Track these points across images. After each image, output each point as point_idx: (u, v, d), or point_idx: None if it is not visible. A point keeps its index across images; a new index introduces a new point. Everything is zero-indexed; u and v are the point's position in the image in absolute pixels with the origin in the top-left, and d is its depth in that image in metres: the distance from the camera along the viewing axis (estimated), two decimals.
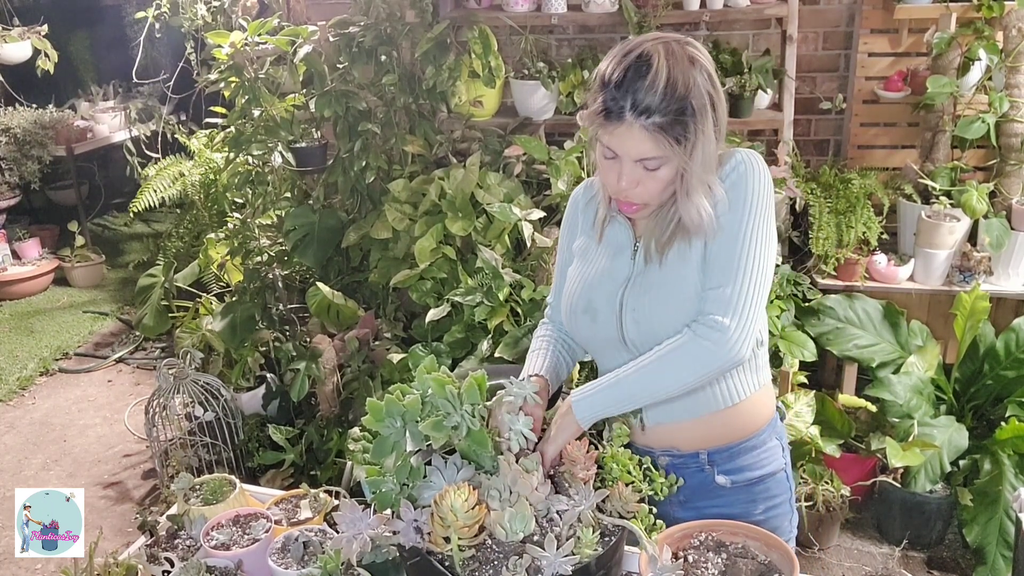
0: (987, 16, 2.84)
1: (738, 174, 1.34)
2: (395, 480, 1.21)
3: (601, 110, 1.28)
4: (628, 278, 1.42)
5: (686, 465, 1.47)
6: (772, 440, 1.49)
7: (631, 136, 1.27)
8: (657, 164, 1.29)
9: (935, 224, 2.88)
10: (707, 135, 1.28)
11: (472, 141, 3.32)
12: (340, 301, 3.21)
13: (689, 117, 1.25)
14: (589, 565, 1.11)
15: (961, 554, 2.72)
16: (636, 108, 1.25)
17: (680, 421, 1.44)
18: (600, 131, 1.31)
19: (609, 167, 1.34)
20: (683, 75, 1.25)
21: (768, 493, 1.48)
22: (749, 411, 1.45)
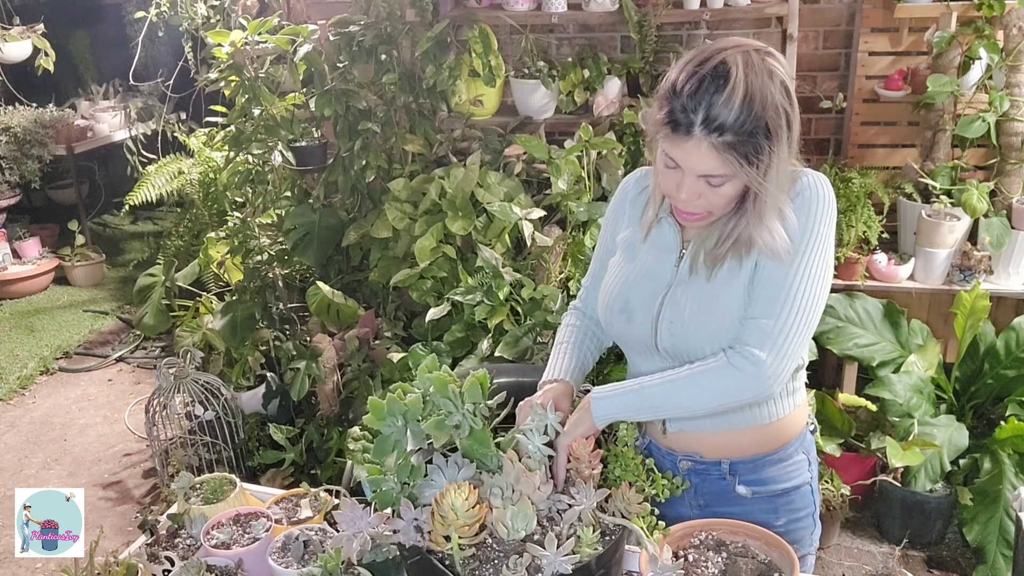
0: (988, 15, 2.84)
1: (803, 199, 1.28)
2: (396, 479, 1.21)
3: (668, 120, 1.20)
4: (669, 284, 1.37)
5: (707, 472, 1.44)
6: (799, 454, 1.46)
7: (698, 152, 1.19)
8: (721, 181, 1.22)
9: (935, 223, 2.87)
10: (781, 155, 1.20)
11: (472, 140, 3.32)
12: (340, 300, 3.21)
13: (763, 137, 1.17)
14: (589, 564, 1.11)
15: (961, 553, 2.72)
16: (708, 124, 1.16)
17: (704, 432, 1.42)
18: (664, 141, 1.23)
19: (669, 175, 1.26)
20: (761, 91, 1.16)
21: (791, 506, 1.46)
22: (778, 428, 1.43)
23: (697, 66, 1.19)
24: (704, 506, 1.45)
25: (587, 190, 2.96)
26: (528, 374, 2.45)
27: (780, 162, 1.21)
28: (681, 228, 1.39)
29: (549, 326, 2.72)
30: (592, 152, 2.98)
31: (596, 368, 2.81)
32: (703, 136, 1.17)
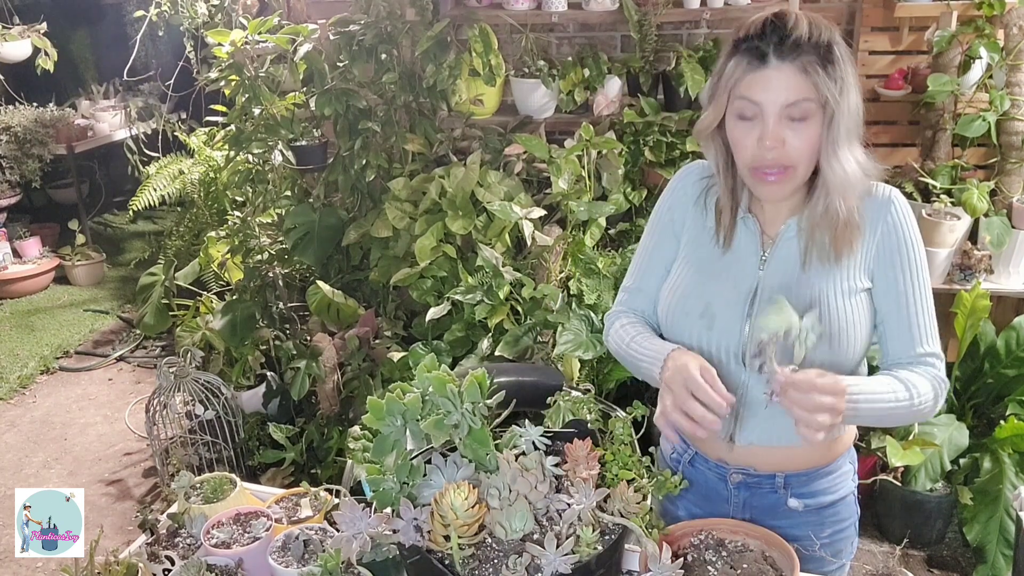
0: (988, 14, 2.84)
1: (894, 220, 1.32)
2: (395, 479, 1.21)
3: (741, 61, 1.23)
4: (753, 289, 1.34)
5: (759, 485, 1.43)
6: (846, 465, 1.47)
7: (778, 78, 1.21)
8: (803, 112, 1.22)
9: (935, 222, 2.87)
10: (852, 85, 1.23)
11: (472, 139, 3.32)
12: (340, 299, 3.21)
13: (836, 59, 1.21)
14: (589, 564, 1.11)
15: (961, 553, 2.72)
16: (781, 49, 1.20)
17: (770, 446, 1.40)
18: (741, 84, 1.23)
19: (747, 132, 1.25)
20: (824, 26, 1.22)
21: (837, 517, 1.45)
22: (838, 441, 1.43)
23: (756, 18, 1.24)
24: (752, 520, 1.39)
25: (587, 189, 2.96)
26: (528, 374, 2.45)
27: (853, 93, 1.23)
28: (762, 229, 1.37)
29: (549, 325, 2.71)
30: (592, 151, 2.98)
31: (596, 367, 2.83)
32: (780, 61, 1.20)
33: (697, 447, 1.49)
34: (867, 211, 1.32)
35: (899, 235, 1.31)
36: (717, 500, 1.49)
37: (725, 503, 1.48)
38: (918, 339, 1.32)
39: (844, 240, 1.30)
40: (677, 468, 1.54)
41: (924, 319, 1.32)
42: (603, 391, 2.78)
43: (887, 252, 1.32)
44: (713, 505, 1.49)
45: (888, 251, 1.32)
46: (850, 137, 1.25)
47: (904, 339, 1.33)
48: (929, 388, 1.31)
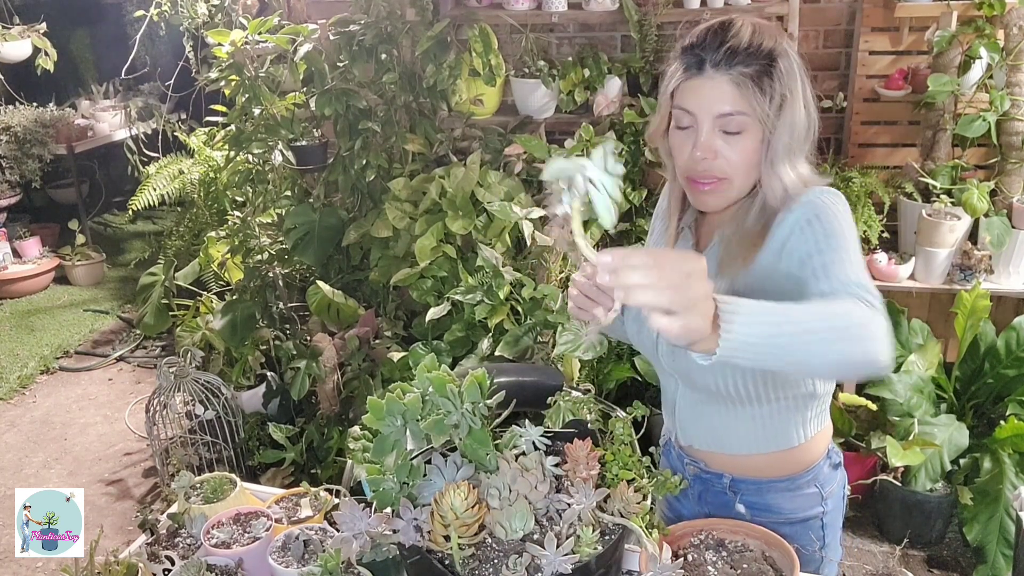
0: (988, 14, 2.84)
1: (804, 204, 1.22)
2: (395, 479, 1.21)
3: (681, 67, 1.21)
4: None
5: (711, 482, 1.44)
6: (810, 488, 1.41)
7: (713, 88, 1.19)
8: (737, 126, 1.20)
9: (936, 222, 2.87)
10: (796, 101, 1.19)
11: (472, 139, 3.32)
12: (340, 300, 3.21)
13: (776, 73, 1.18)
14: (589, 564, 1.11)
15: (961, 553, 2.72)
16: (717, 58, 1.18)
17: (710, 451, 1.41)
18: (677, 92, 1.23)
19: (684, 140, 1.24)
20: (769, 33, 1.19)
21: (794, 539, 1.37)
22: (787, 457, 1.39)
23: (702, 25, 1.23)
24: (708, 515, 1.44)
25: None
26: (528, 374, 2.44)
27: (795, 108, 1.20)
28: (696, 240, 1.38)
29: (549, 325, 2.72)
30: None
31: (596, 367, 2.83)
32: (715, 70, 1.18)
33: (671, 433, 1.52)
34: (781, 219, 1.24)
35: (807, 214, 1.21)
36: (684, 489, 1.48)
37: (686, 492, 1.49)
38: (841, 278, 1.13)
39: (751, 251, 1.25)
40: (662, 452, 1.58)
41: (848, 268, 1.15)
42: (603, 391, 2.78)
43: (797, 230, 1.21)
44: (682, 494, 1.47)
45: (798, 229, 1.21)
46: (791, 154, 1.22)
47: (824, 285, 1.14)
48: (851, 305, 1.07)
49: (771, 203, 1.24)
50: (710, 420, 1.40)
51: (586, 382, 2.75)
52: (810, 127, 1.24)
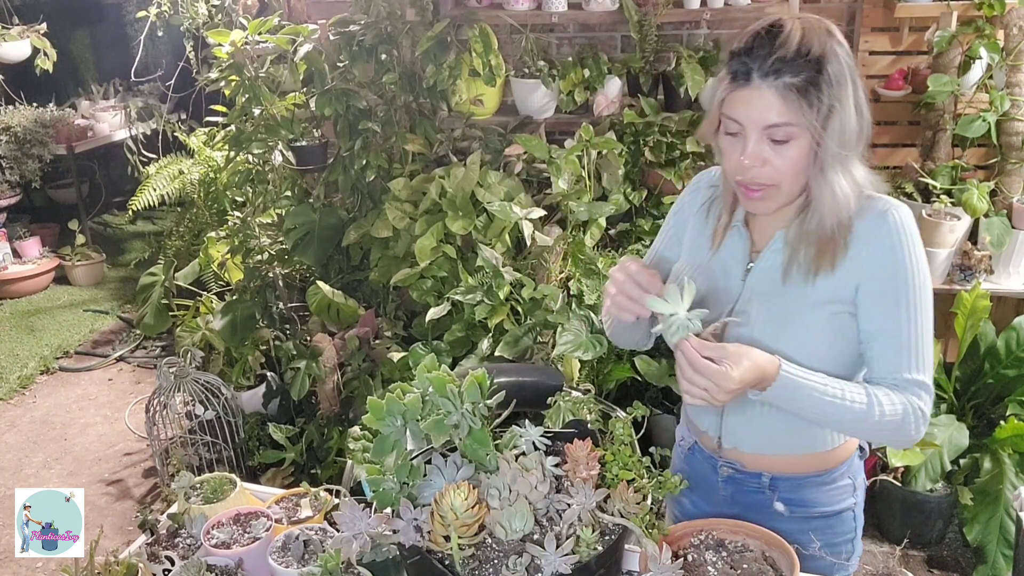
0: (988, 14, 2.84)
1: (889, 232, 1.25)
2: (395, 479, 1.21)
3: (728, 76, 1.21)
4: (735, 299, 1.34)
5: (746, 482, 1.43)
6: (844, 479, 1.43)
7: (759, 99, 1.18)
8: (785, 135, 1.19)
9: (936, 223, 2.87)
10: (845, 109, 1.18)
11: (472, 140, 3.32)
12: (340, 300, 3.21)
13: (824, 81, 1.16)
14: (589, 564, 1.11)
15: (961, 553, 2.72)
16: (764, 68, 1.17)
17: (756, 453, 1.41)
18: (726, 101, 1.22)
19: (732, 146, 1.24)
20: (819, 39, 1.17)
21: (830, 530, 1.43)
22: (829, 455, 1.41)
23: (750, 29, 1.21)
24: (738, 516, 1.40)
25: (587, 190, 2.96)
26: (528, 374, 2.44)
27: (845, 116, 1.19)
28: (752, 239, 1.36)
29: (549, 326, 2.71)
30: (592, 152, 2.98)
31: (596, 367, 2.82)
32: (762, 80, 1.17)
33: (695, 438, 1.51)
34: (859, 227, 1.27)
35: (891, 253, 1.25)
36: (709, 491, 1.50)
37: (715, 494, 1.49)
38: (904, 364, 1.26)
39: (827, 256, 1.27)
40: (682, 455, 1.56)
41: (915, 344, 1.26)
42: (603, 391, 2.78)
43: (876, 270, 1.26)
44: (707, 496, 1.50)
45: (877, 269, 1.26)
46: (842, 160, 1.22)
47: (889, 362, 1.26)
48: (899, 410, 1.24)
49: (822, 208, 1.24)
50: (762, 422, 1.38)
51: (586, 382, 2.75)
52: (862, 129, 1.23)
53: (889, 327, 1.26)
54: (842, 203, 1.24)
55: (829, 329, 1.28)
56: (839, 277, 1.27)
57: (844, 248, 1.27)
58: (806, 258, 1.28)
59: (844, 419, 1.25)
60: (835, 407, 1.24)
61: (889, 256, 1.25)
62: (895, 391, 1.26)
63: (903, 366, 1.26)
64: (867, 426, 1.26)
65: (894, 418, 1.24)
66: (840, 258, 1.27)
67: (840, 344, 1.29)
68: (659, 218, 3.06)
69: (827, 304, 1.28)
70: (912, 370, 1.26)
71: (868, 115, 1.23)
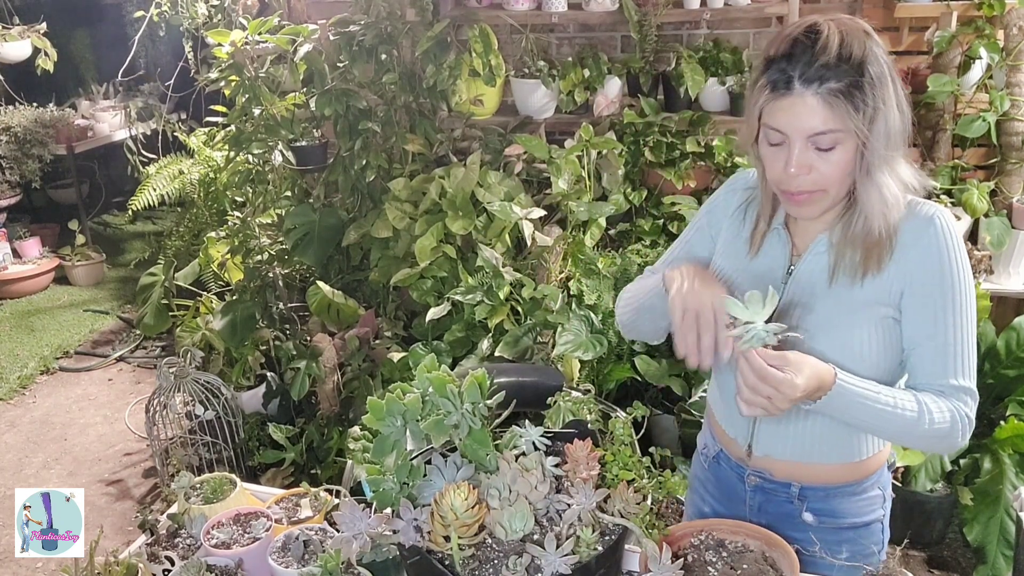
0: (988, 15, 2.84)
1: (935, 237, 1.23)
2: (395, 479, 1.21)
3: (767, 85, 1.18)
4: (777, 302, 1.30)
5: (775, 492, 1.42)
6: (875, 489, 1.42)
7: (803, 107, 1.15)
8: (831, 142, 1.17)
9: None
10: (889, 107, 1.16)
11: (472, 140, 3.32)
12: (340, 300, 3.21)
13: (868, 84, 1.14)
14: (589, 564, 1.11)
15: (962, 553, 2.72)
16: (806, 75, 1.14)
17: (787, 460, 1.39)
18: (765, 110, 1.20)
19: (775, 155, 1.22)
20: (858, 40, 1.15)
21: (858, 541, 1.42)
22: (861, 465, 1.39)
23: (787, 34, 1.18)
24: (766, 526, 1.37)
25: (587, 190, 2.96)
26: (528, 374, 2.44)
27: (890, 115, 1.17)
28: (792, 242, 1.35)
29: (549, 326, 2.72)
30: (592, 152, 2.98)
31: (596, 367, 2.82)
32: (804, 88, 1.15)
33: (722, 446, 1.49)
34: (905, 230, 1.25)
35: (938, 258, 1.24)
36: (736, 500, 1.48)
37: (743, 504, 1.47)
38: (951, 370, 1.25)
39: (873, 258, 1.25)
40: (705, 463, 1.55)
41: (960, 350, 1.24)
42: (603, 391, 2.78)
43: (922, 275, 1.25)
44: (732, 505, 1.49)
45: (923, 274, 1.24)
46: (888, 160, 1.20)
47: (935, 368, 1.25)
48: (947, 417, 1.24)
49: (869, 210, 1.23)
50: (797, 430, 1.36)
51: (586, 382, 2.75)
52: (905, 127, 1.21)
53: (935, 333, 1.25)
54: (891, 204, 1.22)
55: (875, 334, 1.27)
56: (884, 281, 1.26)
57: (890, 251, 1.26)
58: (852, 260, 1.27)
59: (895, 427, 1.24)
60: (887, 415, 1.23)
61: (936, 261, 1.24)
62: (942, 398, 1.25)
63: (949, 372, 1.25)
64: (917, 434, 1.25)
65: (943, 426, 1.24)
66: (886, 261, 1.26)
67: (886, 349, 1.28)
68: (659, 218, 3.06)
69: (872, 307, 1.27)
70: (958, 376, 1.25)
71: (909, 112, 1.22)
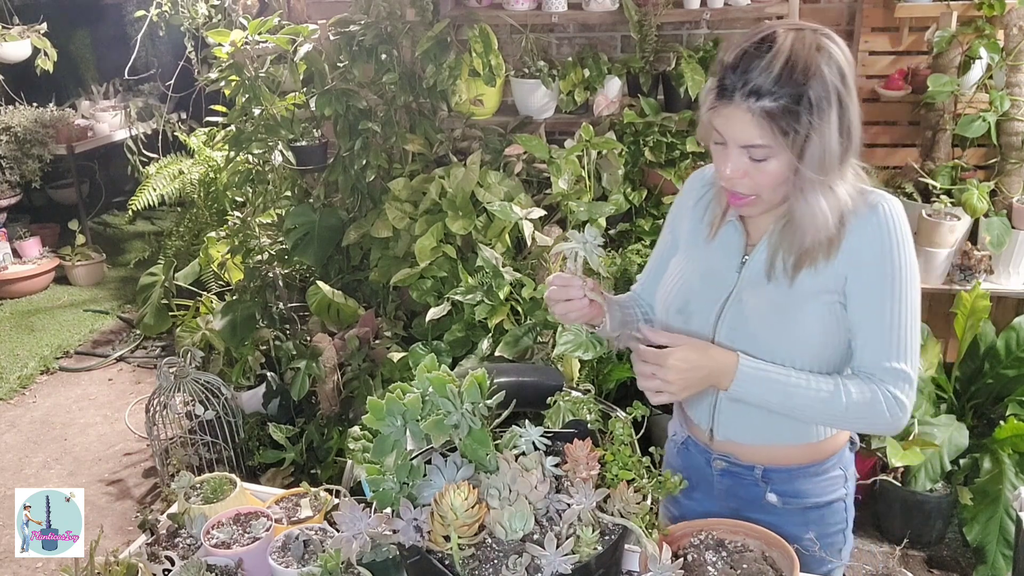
0: (988, 14, 2.84)
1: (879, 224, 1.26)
2: (395, 479, 1.21)
3: (715, 89, 1.22)
4: (731, 288, 1.36)
5: (741, 475, 1.44)
6: (836, 470, 1.45)
7: (737, 119, 1.19)
8: (763, 155, 1.21)
9: (936, 223, 2.87)
10: (825, 134, 1.18)
11: (472, 140, 3.32)
12: (340, 300, 3.21)
13: (804, 108, 1.16)
14: (589, 564, 1.11)
15: (961, 553, 2.72)
16: (745, 90, 1.17)
17: (749, 443, 1.42)
18: (712, 113, 1.23)
19: (718, 154, 1.27)
20: (805, 62, 1.16)
21: (822, 520, 1.45)
22: (821, 445, 1.42)
23: (746, 40, 1.21)
24: (735, 510, 1.44)
25: (587, 190, 2.96)
26: (528, 374, 2.44)
27: (825, 141, 1.19)
28: (747, 232, 1.38)
29: (550, 326, 2.71)
30: (592, 152, 2.98)
31: (596, 367, 2.82)
32: (742, 101, 1.18)
33: (689, 432, 1.52)
34: (851, 219, 1.28)
35: (880, 244, 1.26)
36: (704, 486, 1.51)
37: (711, 488, 1.50)
38: (890, 353, 1.27)
39: (807, 261, 1.29)
40: (675, 450, 1.58)
41: (900, 334, 1.27)
42: (603, 391, 2.78)
43: (865, 260, 1.27)
44: (701, 491, 1.51)
45: (867, 259, 1.27)
46: (822, 182, 1.23)
47: (875, 350, 1.28)
48: (867, 395, 1.27)
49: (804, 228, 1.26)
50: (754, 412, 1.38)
51: (586, 382, 2.75)
52: (848, 150, 1.23)
53: (875, 316, 1.27)
54: (821, 224, 1.25)
55: (822, 320, 1.30)
56: (830, 268, 1.29)
57: (831, 250, 1.28)
58: (785, 262, 1.31)
59: (814, 407, 1.28)
60: (800, 394, 1.27)
61: (878, 247, 1.27)
62: (866, 379, 1.28)
63: (887, 355, 1.27)
64: (838, 412, 1.27)
65: (862, 402, 1.27)
66: (827, 258, 1.29)
67: (831, 335, 1.31)
68: (659, 218, 3.06)
69: (817, 295, 1.30)
70: (895, 359, 1.27)
71: (857, 132, 1.23)
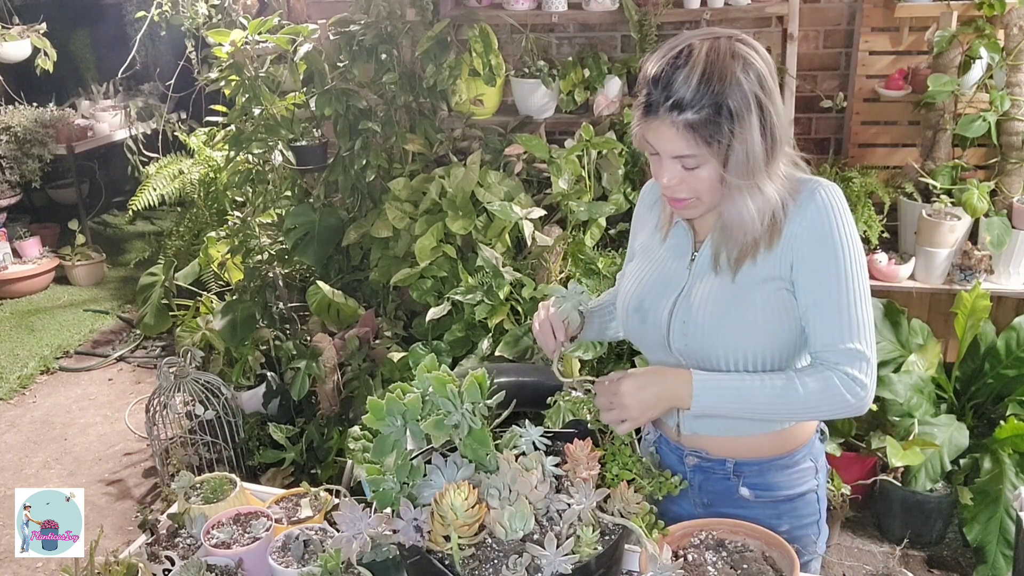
0: (988, 14, 2.84)
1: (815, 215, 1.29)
2: (395, 479, 1.21)
3: (641, 103, 1.26)
4: (682, 286, 1.39)
5: (712, 470, 1.45)
6: (806, 461, 1.46)
7: (664, 132, 1.23)
8: (694, 163, 1.25)
9: (936, 223, 2.87)
10: (747, 141, 1.22)
11: (472, 140, 3.32)
12: (340, 300, 3.21)
13: (724, 118, 1.20)
14: (589, 564, 1.11)
15: (961, 553, 2.72)
16: (668, 104, 1.21)
17: (716, 435, 1.43)
18: (642, 127, 1.27)
19: (654, 164, 1.31)
20: (721, 72, 1.20)
21: (795, 512, 1.46)
22: (789, 434, 1.43)
23: (667, 51, 1.25)
24: (708, 505, 1.46)
25: (587, 189, 2.96)
26: (528, 374, 2.45)
27: (748, 146, 1.23)
28: (694, 231, 1.42)
29: None
30: (592, 151, 2.98)
31: (597, 368, 2.82)
32: (666, 115, 1.22)
33: (660, 430, 1.53)
34: (790, 206, 1.31)
35: (820, 227, 1.29)
36: None
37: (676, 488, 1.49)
38: (843, 334, 1.28)
39: (747, 256, 1.32)
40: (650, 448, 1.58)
41: (851, 314, 1.28)
42: None
43: (808, 245, 1.29)
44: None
45: (809, 244, 1.29)
46: (748, 185, 1.26)
47: (827, 332, 1.29)
48: (822, 384, 1.28)
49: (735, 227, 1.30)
50: None
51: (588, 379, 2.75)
52: (774, 148, 1.26)
53: (824, 299, 1.29)
54: (749, 225, 1.29)
55: (769, 307, 1.32)
56: (774, 257, 1.31)
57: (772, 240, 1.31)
58: (727, 258, 1.34)
59: (773, 403, 1.30)
60: (756, 392, 1.29)
61: (819, 231, 1.29)
62: (821, 366, 1.30)
63: (841, 337, 1.28)
64: (797, 403, 1.29)
65: (818, 388, 1.28)
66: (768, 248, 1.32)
67: (782, 322, 1.33)
68: None
69: (763, 284, 1.32)
70: (848, 340, 1.28)
71: (782, 132, 1.27)
